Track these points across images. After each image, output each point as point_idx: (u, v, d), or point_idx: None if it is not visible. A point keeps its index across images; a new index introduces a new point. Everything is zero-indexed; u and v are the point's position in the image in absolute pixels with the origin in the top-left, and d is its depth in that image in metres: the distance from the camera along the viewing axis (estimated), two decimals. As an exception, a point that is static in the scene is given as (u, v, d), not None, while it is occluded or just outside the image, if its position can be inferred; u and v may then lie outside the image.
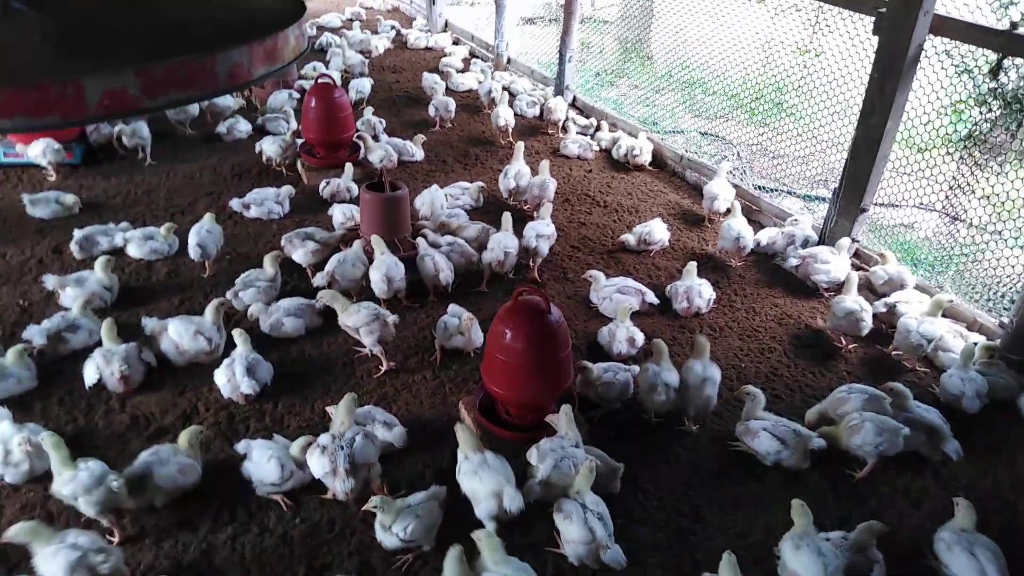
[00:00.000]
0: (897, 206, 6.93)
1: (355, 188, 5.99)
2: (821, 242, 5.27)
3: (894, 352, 4.45)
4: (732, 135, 8.24)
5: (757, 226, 5.96)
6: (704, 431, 3.84)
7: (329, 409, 3.61)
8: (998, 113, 7.24)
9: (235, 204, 5.60)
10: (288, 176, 6.39)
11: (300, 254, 4.95)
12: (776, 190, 7.40)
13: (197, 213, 5.68)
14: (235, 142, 6.99)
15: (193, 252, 4.93)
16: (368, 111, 7.22)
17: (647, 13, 10.19)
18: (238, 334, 3.95)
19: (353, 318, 4.13)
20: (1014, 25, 4.20)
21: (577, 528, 2.96)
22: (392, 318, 4.15)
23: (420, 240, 4.90)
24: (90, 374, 3.85)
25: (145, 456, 3.25)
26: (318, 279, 4.65)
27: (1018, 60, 4.61)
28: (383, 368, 4.17)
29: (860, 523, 3.07)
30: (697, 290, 4.74)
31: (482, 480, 3.08)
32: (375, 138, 6.86)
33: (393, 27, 10.94)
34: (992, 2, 7.38)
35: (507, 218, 5.10)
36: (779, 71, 7.77)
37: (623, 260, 5.42)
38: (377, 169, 6.32)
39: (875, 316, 4.67)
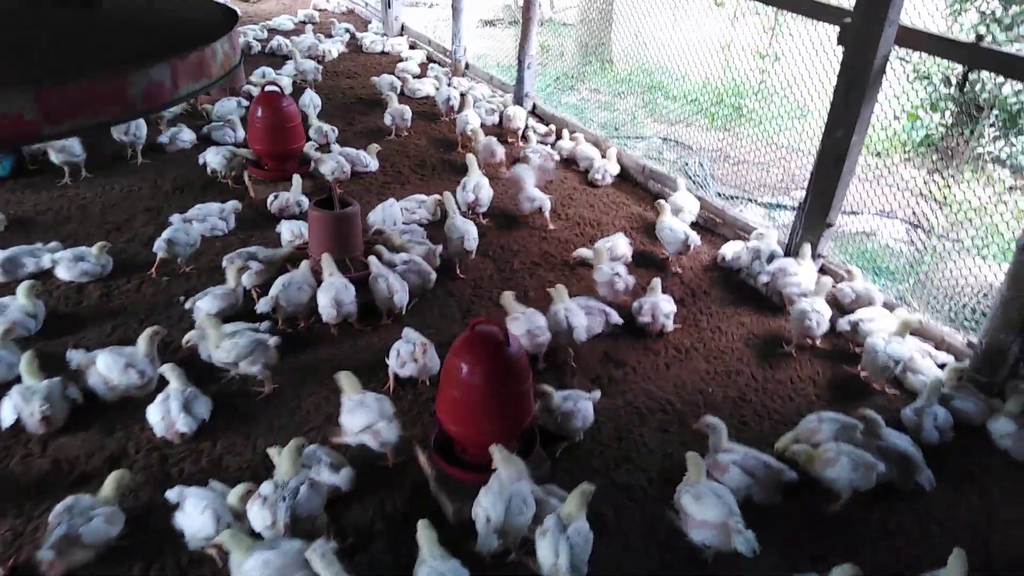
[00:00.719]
0: (856, 213, 6.89)
1: (306, 202, 5.70)
2: (787, 256, 5.14)
3: (863, 373, 4.33)
4: (693, 141, 8.12)
5: (720, 240, 5.82)
6: (673, 463, 3.65)
7: (271, 451, 3.34)
8: (951, 120, 7.27)
9: (176, 220, 5.22)
10: (235, 189, 6.07)
11: (244, 275, 4.65)
12: (738, 198, 7.31)
13: (134, 230, 5.37)
14: (178, 152, 6.62)
15: (158, 246, 4.72)
16: (315, 122, 6.92)
17: (607, 16, 10.08)
18: (169, 369, 3.65)
19: (233, 353, 3.84)
20: (979, 37, 4.11)
21: (547, 548, 2.82)
22: (273, 340, 3.91)
23: (372, 259, 4.64)
24: (7, 414, 3.51)
25: (61, 513, 2.94)
26: (262, 304, 4.36)
27: (984, 73, 4.52)
28: (266, 390, 3.95)
29: (835, 562, 2.91)
30: (661, 307, 4.58)
31: (356, 417, 3.42)
32: (326, 148, 6.57)
33: (347, 30, 10.62)
34: (946, 9, 7.39)
35: (449, 198, 5.26)
36: (739, 75, 7.70)
37: (585, 276, 5.22)
38: (328, 181, 6.05)
39: (840, 335, 4.56)
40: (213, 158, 6.01)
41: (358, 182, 6.37)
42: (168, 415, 3.53)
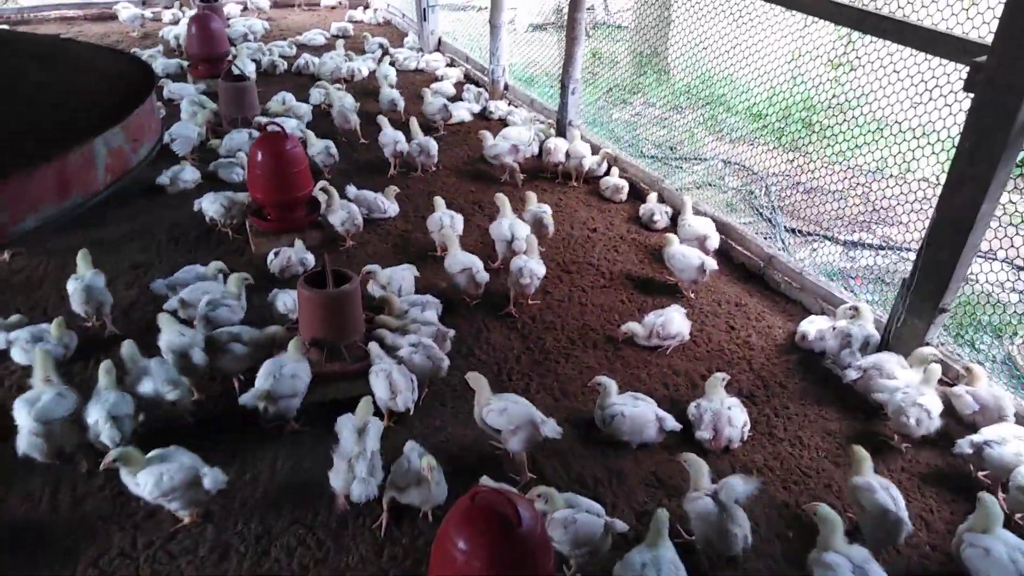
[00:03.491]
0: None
1: (311, 259, 4.96)
2: (884, 345, 4.14)
3: (1018, 517, 3.33)
4: (758, 163, 7.08)
5: (800, 309, 4.86)
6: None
7: None
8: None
9: (158, 287, 4.52)
10: (235, 239, 5.37)
11: (227, 360, 3.92)
12: (812, 235, 6.30)
13: (116, 297, 4.67)
14: (179, 194, 5.95)
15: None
16: (317, 142, 6.23)
17: (663, 22, 9.09)
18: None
19: None
20: None
21: None
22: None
23: (373, 346, 3.85)
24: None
25: None
26: (246, 398, 3.60)
27: None
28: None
29: None
30: (727, 415, 3.66)
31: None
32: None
33: (380, 45, 9.86)
34: None
35: (449, 232, 4.87)
36: (809, 86, 6.64)
37: (629, 359, 4.33)
38: (340, 232, 5.30)
39: (961, 457, 3.55)
40: (210, 206, 5.31)
41: (374, 232, 5.59)
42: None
